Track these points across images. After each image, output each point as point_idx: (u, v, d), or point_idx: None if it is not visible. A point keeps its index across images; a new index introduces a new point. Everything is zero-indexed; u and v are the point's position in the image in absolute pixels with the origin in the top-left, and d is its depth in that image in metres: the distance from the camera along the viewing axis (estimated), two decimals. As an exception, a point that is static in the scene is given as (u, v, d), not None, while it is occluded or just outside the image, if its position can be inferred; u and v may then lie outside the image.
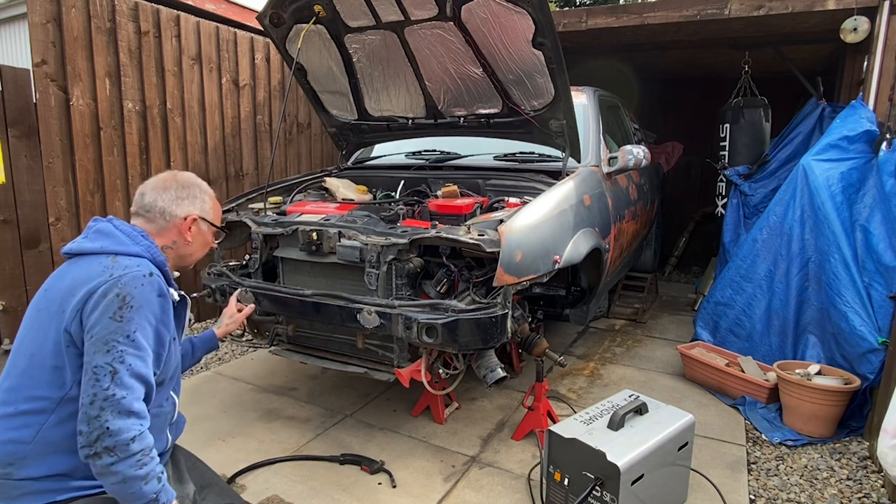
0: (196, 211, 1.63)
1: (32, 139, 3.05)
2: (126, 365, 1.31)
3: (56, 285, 1.44)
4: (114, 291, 1.33)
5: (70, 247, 1.48)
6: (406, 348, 2.59)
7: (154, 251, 1.49)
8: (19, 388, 1.39)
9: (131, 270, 1.38)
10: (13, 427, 1.36)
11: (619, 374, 3.74)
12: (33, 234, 3.07)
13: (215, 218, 1.72)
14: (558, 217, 2.73)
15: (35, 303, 1.48)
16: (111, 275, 1.36)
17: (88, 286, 1.35)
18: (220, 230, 1.76)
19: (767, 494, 2.48)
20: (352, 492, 2.45)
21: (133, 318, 1.33)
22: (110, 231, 1.49)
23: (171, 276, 1.54)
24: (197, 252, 1.69)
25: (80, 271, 1.40)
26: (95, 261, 1.41)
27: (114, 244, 1.45)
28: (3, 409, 1.38)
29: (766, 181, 4.33)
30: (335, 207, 3.04)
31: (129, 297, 1.34)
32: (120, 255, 1.43)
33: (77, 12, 3.20)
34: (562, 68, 2.77)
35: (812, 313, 3.34)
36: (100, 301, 1.32)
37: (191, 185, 1.66)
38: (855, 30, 3.68)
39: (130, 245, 1.46)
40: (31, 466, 1.36)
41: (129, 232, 1.50)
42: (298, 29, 3.15)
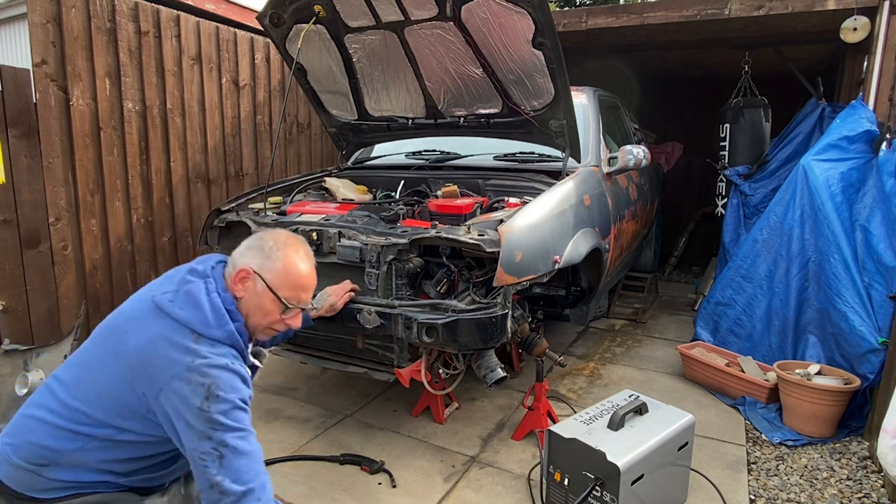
0: (254, 265, 1.49)
1: (32, 139, 3.05)
2: (230, 448, 1.33)
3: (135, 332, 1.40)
4: (197, 380, 1.33)
5: (159, 300, 1.43)
6: (406, 348, 2.59)
7: (235, 337, 1.43)
8: (78, 410, 1.40)
9: (213, 360, 1.36)
10: (56, 437, 1.39)
11: (619, 374, 3.74)
12: (33, 234, 3.07)
13: (282, 286, 1.50)
14: (558, 217, 2.73)
15: (110, 331, 1.46)
16: (193, 361, 1.34)
17: (170, 370, 1.34)
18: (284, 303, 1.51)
19: (767, 494, 2.49)
20: (352, 492, 2.45)
21: (220, 407, 1.33)
22: (199, 301, 1.42)
23: (247, 350, 1.50)
24: (252, 315, 1.50)
25: (163, 340, 1.37)
26: (178, 333, 1.38)
27: (199, 322, 1.40)
28: (53, 418, 1.40)
29: (766, 181, 4.33)
30: (335, 207, 3.04)
31: (213, 387, 1.33)
32: (202, 336, 1.39)
33: (77, 12, 3.20)
34: (562, 68, 2.77)
35: (812, 313, 3.34)
36: (184, 388, 1.32)
37: (274, 240, 1.53)
38: (855, 30, 3.68)
39: (215, 328, 1.40)
40: (59, 472, 1.41)
41: (217, 308, 1.43)
42: (298, 29, 3.15)
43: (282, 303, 1.51)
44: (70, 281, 3.27)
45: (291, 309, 1.54)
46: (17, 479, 1.41)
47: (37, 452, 1.39)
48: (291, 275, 1.51)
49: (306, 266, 1.55)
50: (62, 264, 3.22)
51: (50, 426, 1.40)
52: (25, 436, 1.42)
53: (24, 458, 1.40)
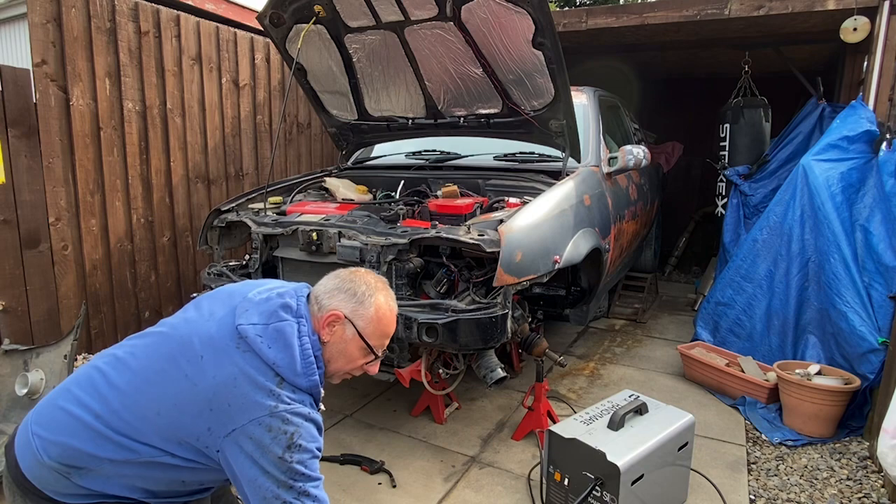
0: (346, 310, 1.42)
1: (32, 139, 3.05)
2: (311, 497, 1.31)
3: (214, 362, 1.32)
4: (279, 426, 1.28)
5: (246, 331, 1.35)
6: (406, 348, 2.59)
7: (317, 389, 1.39)
8: (129, 424, 1.33)
9: (296, 408, 1.31)
10: (101, 446, 1.32)
11: (619, 374, 3.74)
12: (33, 234, 3.07)
13: (373, 334, 1.44)
14: (558, 217, 2.73)
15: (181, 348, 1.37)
16: (276, 407, 1.28)
17: (250, 413, 1.27)
18: (373, 351, 1.46)
19: (767, 494, 2.48)
20: (352, 492, 2.45)
21: (301, 457, 1.30)
22: (290, 344, 1.35)
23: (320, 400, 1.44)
24: (335, 360, 1.44)
25: (246, 378, 1.30)
26: (262, 374, 1.31)
27: (287, 367, 1.33)
28: (99, 425, 1.32)
29: (766, 181, 4.33)
30: (335, 207, 3.04)
31: (296, 436, 1.29)
32: (286, 381, 1.33)
33: (77, 12, 3.20)
34: (562, 68, 2.77)
35: (812, 313, 3.34)
36: (265, 434, 1.27)
37: (366, 283, 1.46)
38: (855, 30, 3.68)
39: (302, 378, 1.34)
40: (90, 480, 1.34)
41: (307, 356, 1.37)
42: (298, 29, 3.15)
43: (371, 351, 1.46)
44: (70, 281, 3.27)
45: (377, 358, 1.49)
46: (41, 477, 1.34)
47: (73, 455, 1.31)
48: (382, 322, 1.45)
49: (394, 313, 1.50)
50: (62, 264, 3.22)
51: (94, 432, 1.32)
52: (65, 436, 1.33)
53: (57, 458, 1.32)
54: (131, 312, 3.68)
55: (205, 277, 3.04)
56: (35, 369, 2.69)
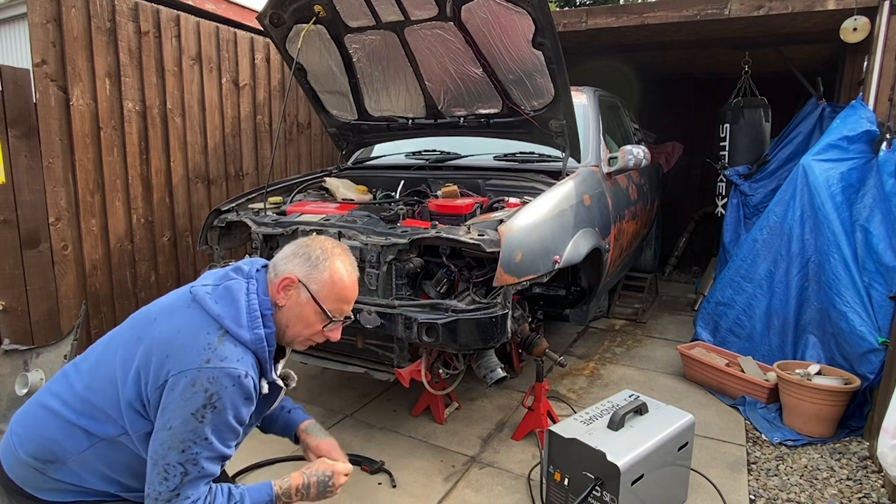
0: (299, 274, 1.42)
1: (32, 139, 3.05)
2: (198, 467, 1.28)
3: (164, 319, 1.36)
4: (203, 385, 1.26)
5: (197, 290, 1.40)
6: (406, 348, 2.59)
7: (261, 344, 1.37)
8: (88, 402, 1.36)
9: (228, 367, 1.29)
10: (66, 434, 1.35)
11: (619, 374, 3.74)
12: (33, 234, 3.07)
13: (327, 297, 1.43)
14: (558, 217, 2.73)
15: (139, 319, 1.43)
16: (207, 360, 1.28)
17: (182, 363, 1.27)
18: (329, 316, 1.45)
19: (767, 494, 2.49)
20: (352, 492, 2.45)
21: (214, 420, 1.27)
22: (236, 298, 1.37)
23: (270, 364, 1.42)
24: (292, 325, 1.45)
25: (187, 330, 1.32)
26: (205, 327, 1.33)
27: (231, 319, 1.34)
28: (65, 411, 1.36)
29: (766, 181, 4.33)
30: (335, 207, 3.04)
31: (215, 397, 1.26)
32: (229, 334, 1.33)
33: (77, 12, 3.20)
34: (562, 68, 2.77)
35: (812, 313, 3.34)
36: (187, 389, 1.26)
37: (321, 248, 1.46)
38: (855, 30, 3.68)
39: (245, 330, 1.35)
40: (65, 472, 1.36)
41: (253, 309, 1.37)
42: (298, 29, 3.15)
43: (326, 315, 1.45)
44: (70, 281, 3.27)
45: (334, 322, 1.48)
46: (21, 475, 1.37)
47: (45, 447, 1.35)
48: (337, 286, 1.45)
49: (352, 278, 1.49)
50: (62, 264, 3.22)
51: (61, 420, 1.35)
52: (36, 428, 1.37)
53: (32, 454, 1.36)
54: (131, 312, 3.63)
55: (205, 277, 3.03)
56: (35, 369, 2.69)
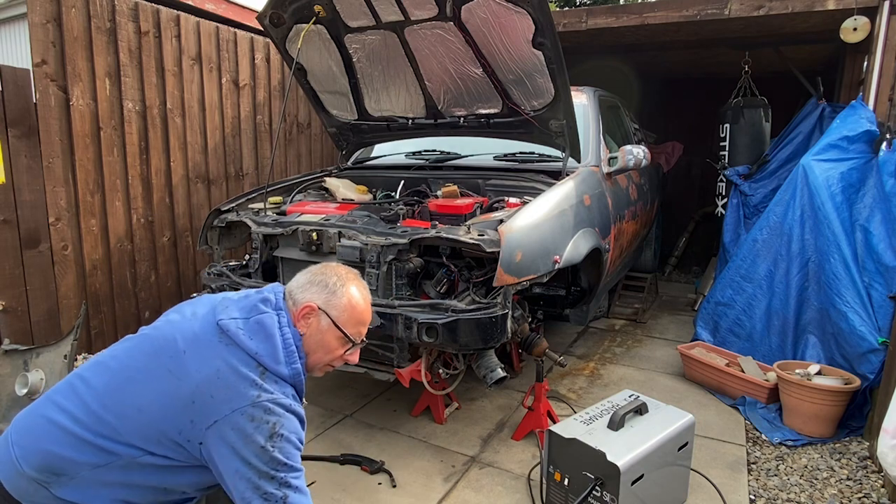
0: (319, 301, 1.45)
1: (32, 139, 3.05)
2: (292, 488, 1.32)
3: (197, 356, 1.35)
4: (262, 416, 1.29)
5: (227, 325, 1.39)
6: (406, 348, 2.59)
7: (299, 378, 1.41)
8: (108, 424, 1.33)
9: (278, 398, 1.33)
10: (80, 451, 1.31)
11: (619, 374, 3.74)
12: (33, 234, 3.07)
13: (347, 322, 1.46)
14: (558, 217, 2.73)
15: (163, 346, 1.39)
16: (259, 397, 1.30)
17: (233, 403, 1.29)
18: (351, 340, 1.48)
19: (767, 494, 2.48)
20: (352, 492, 2.45)
21: (284, 446, 1.31)
22: (271, 335, 1.39)
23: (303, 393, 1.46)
24: (313, 352, 1.47)
25: (229, 370, 1.32)
26: (245, 365, 1.33)
27: (269, 356, 1.36)
28: (79, 430, 1.32)
29: (766, 181, 4.33)
30: (335, 207, 3.04)
31: (278, 426, 1.30)
32: (269, 371, 1.35)
33: (77, 12, 3.20)
34: (562, 68, 2.77)
35: (812, 313, 3.34)
36: (248, 424, 1.28)
37: (336, 275, 1.50)
38: (855, 30, 3.68)
39: (283, 366, 1.37)
40: (71, 489, 1.32)
41: (288, 344, 1.40)
42: (298, 29, 3.15)
43: (349, 339, 1.48)
44: (70, 281, 3.27)
45: (355, 346, 1.51)
46: (20, 489, 1.32)
47: (51, 462, 1.31)
48: (356, 310, 1.48)
49: (367, 301, 1.53)
50: (62, 264, 3.22)
51: (73, 436, 1.31)
52: (41, 442, 1.32)
53: (36, 467, 1.31)
54: (131, 312, 3.68)
55: (205, 277, 3.04)
56: (35, 369, 2.69)
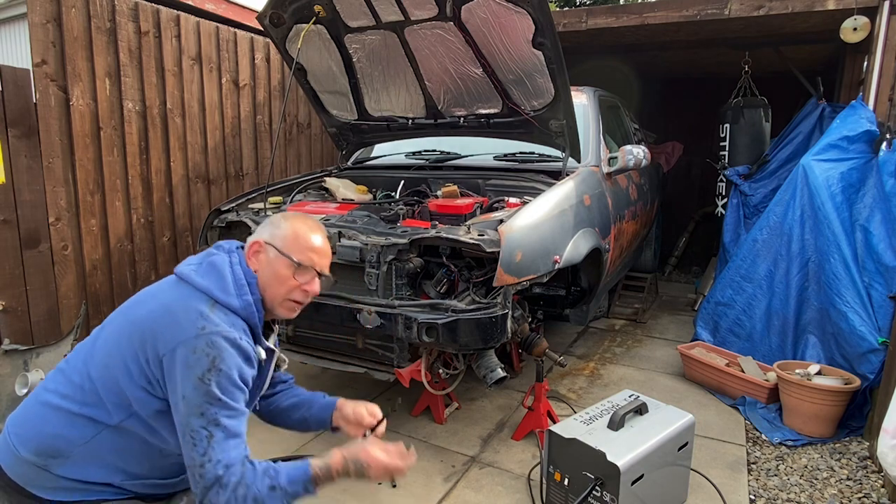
0: (264, 237, 1.51)
1: (32, 139, 3.05)
2: (221, 427, 1.31)
3: (152, 299, 1.41)
4: (203, 349, 1.31)
5: (181, 269, 1.45)
6: (406, 348, 2.59)
7: (251, 309, 1.43)
8: (89, 391, 1.37)
9: (223, 331, 1.34)
10: (69, 425, 1.37)
11: (619, 374, 3.74)
12: (33, 234, 3.07)
13: (293, 249, 1.49)
14: (558, 217, 2.73)
15: (127, 309, 1.45)
16: (202, 329, 1.32)
17: (179, 335, 1.32)
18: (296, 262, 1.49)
19: (767, 494, 2.49)
20: (352, 492, 2.45)
21: (220, 381, 1.31)
22: (222, 271, 1.44)
23: (262, 331, 1.49)
24: (269, 287, 1.49)
25: (178, 304, 1.37)
26: (195, 300, 1.38)
27: (218, 289, 1.40)
28: (66, 404, 1.38)
29: (766, 181, 4.33)
30: (335, 207, 3.04)
31: (217, 360, 1.31)
32: (218, 304, 1.38)
33: (77, 12, 3.20)
34: (562, 68, 2.77)
35: (812, 313, 3.34)
36: (189, 357, 1.30)
37: (282, 215, 1.57)
38: (855, 30, 3.68)
39: (233, 297, 1.41)
40: (70, 467, 1.37)
41: (238, 278, 1.44)
42: (298, 29, 3.15)
43: (293, 262, 1.49)
44: (70, 281, 3.27)
45: (305, 270, 1.51)
46: (22, 474, 1.37)
47: (48, 443, 1.36)
48: (301, 238, 1.51)
49: (315, 231, 1.55)
50: (62, 264, 3.22)
51: (62, 412, 1.37)
52: (38, 426, 1.38)
53: (34, 451, 1.36)
54: (131, 312, 3.67)
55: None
56: (35, 369, 2.70)
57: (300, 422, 1.75)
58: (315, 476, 1.36)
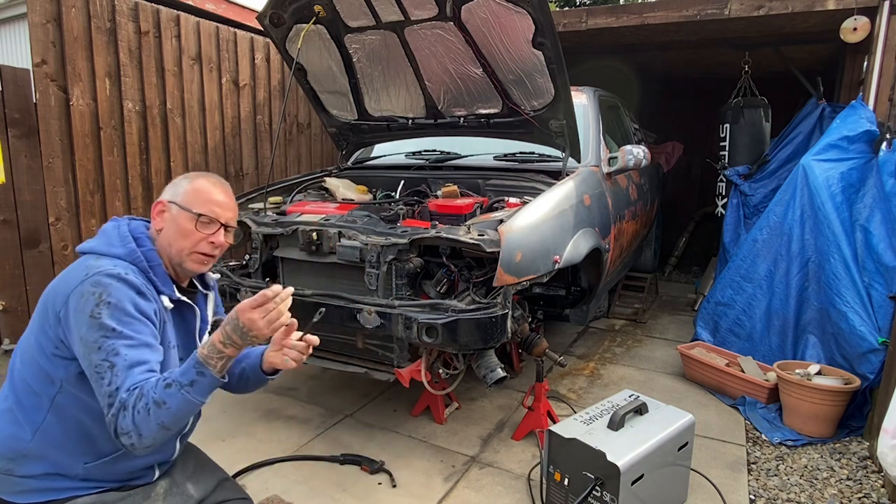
0: (166, 197, 1.55)
1: (32, 139, 3.05)
2: (121, 356, 1.31)
3: (53, 284, 1.45)
4: (89, 290, 1.33)
5: (81, 245, 1.52)
6: (406, 348, 2.59)
7: (136, 255, 1.45)
8: (20, 382, 1.42)
9: (106, 269, 1.37)
10: (15, 423, 1.40)
11: (619, 374, 3.74)
12: (33, 234, 3.07)
13: (194, 203, 1.52)
14: (558, 217, 2.73)
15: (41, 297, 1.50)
16: (87, 274, 1.36)
17: (69, 288, 1.35)
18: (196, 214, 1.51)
19: (767, 494, 2.49)
20: (352, 492, 2.45)
21: (112, 313, 1.32)
22: (107, 231, 1.50)
23: (163, 280, 1.48)
24: (175, 241, 1.51)
25: (70, 271, 1.42)
26: (83, 261, 1.42)
27: (102, 245, 1.46)
28: (8, 404, 1.43)
29: (766, 181, 4.33)
30: (335, 207, 3.04)
31: (104, 294, 1.33)
32: (103, 256, 1.43)
33: (77, 12, 3.20)
34: (562, 68, 2.77)
35: (812, 313, 3.34)
36: (78, 301, 1.33)
37: (182, 175, 1.61)
38: (855, 30, 3.68)
39: (117, 247, 1.45)
40: (30, 464, 1.39)
41: (123, 234, 1.48)
42: (298, 29, 3.15)
43: (194, 214, 1.51)
44: (70, 281, 3.27)
45: (208, 221, 1.52)
46: None
47: (5, 446, 1.39)
48: (201, 192, 1.54)
49: (217, 186, 1.58)
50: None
51: (8, 413, 1.41)
52: None
53: None
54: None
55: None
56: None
57: (241, 377, 1.70)
58: (202, 355, 1.33)
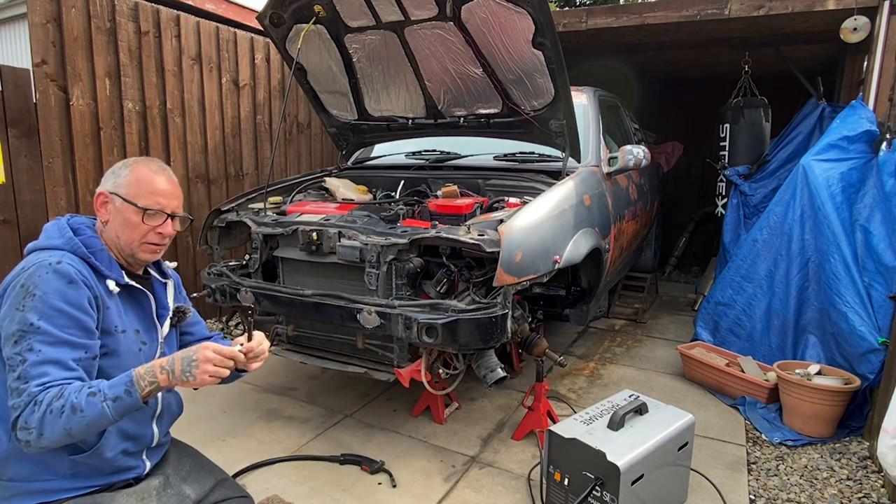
0: (107, 187, 1.51)
1: (32, 139, 3.05)
2: (36, 352, 1.28)
3: None
4: (20, 283, 1.32)
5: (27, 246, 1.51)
6: (406, 348, 2.59)
7: (74, 242, 1.43)
8: None
9: (39, 261, 1.35)
10: None
11: (619, 374, 3.74)
12: (33, 234, 3.05)
13: (137, 195, 1.48)
14: (558, 217, 2.73)
15: None
16: (23, 267, 1.35)
17: (6, 283, 1.36)
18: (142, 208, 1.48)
19: (767, 494, 2.49)
20: (352, 492, 2.45)
21: (37, 306, 1.30)
22: (47, 227, 1.49)
23: (107, 265, 1.46)
24: (121, 233, 1.49)
25: (15, 268, 1.40)
26: (28, 258, 1.41)
27: (42, 240, 1.45)
28: None
29: (766, 181, 4.33)
30: (335, 207, 3.04)
31: (31, 286, 1.31)
32: (44, 249, 1.42)
33: (77, 12, 3.21)
34: (562, 68, 2.77)
35: (812, 313, 3.34)
36: (8, 295, 1.33)
37: (122, 162, 1.57)
38: (855, 30, 3.68)
39: (55, 238, 1.44)
40: (14, 466, 1.37)
41: (62, 226, 1.47)
42: (298, 29, 3.15)
43: (139, 208, 1.48)
44: (70, 281, 3.27)
45: (153, 214, 1.50)
46: None
47: None
48: (144, 183, 1.51)
49: (158, 174, 1.54)
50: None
51: None
52: None
53: None
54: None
55: (205, 277, 3.04)
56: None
57: None
58: (137, 375, 1.29)
